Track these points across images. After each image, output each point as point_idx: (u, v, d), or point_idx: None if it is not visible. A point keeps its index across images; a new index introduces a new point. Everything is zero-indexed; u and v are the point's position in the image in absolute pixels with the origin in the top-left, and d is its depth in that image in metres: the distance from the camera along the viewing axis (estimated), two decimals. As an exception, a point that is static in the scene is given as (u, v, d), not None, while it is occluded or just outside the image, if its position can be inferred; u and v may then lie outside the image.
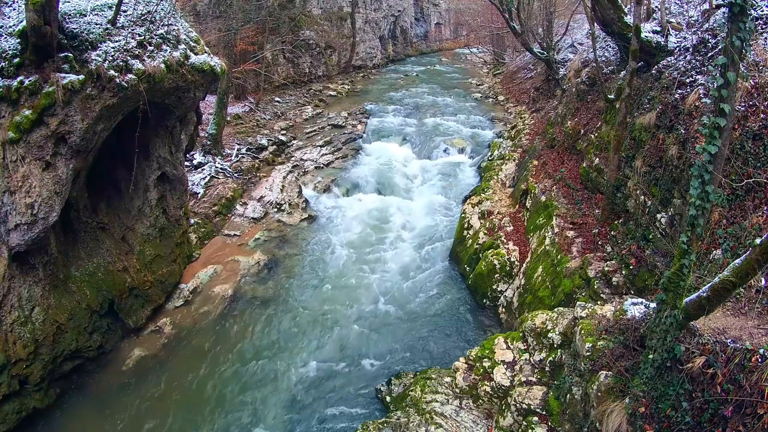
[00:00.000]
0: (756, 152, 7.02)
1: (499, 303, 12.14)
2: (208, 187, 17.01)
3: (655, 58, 10.29)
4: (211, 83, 12.16)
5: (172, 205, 12.54)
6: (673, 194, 8.39)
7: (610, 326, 6.70)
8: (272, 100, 27.34)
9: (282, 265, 14.32)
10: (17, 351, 8.99)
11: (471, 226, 14.49)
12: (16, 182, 8.52)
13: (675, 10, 11.54)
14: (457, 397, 8.45)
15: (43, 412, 9.43)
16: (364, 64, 41.22)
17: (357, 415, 9.47)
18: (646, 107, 9.83)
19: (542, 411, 7.15)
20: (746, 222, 6.66)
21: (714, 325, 5.30)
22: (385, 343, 11.40)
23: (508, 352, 8.61)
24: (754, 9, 8.53)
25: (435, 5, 56.42)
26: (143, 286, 11.49)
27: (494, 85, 33.94)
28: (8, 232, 8.67)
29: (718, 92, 4.77)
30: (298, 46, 30.98)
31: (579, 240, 10.85)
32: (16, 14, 8.98)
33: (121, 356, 10.88)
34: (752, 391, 4.49)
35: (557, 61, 22.51)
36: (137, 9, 10.06)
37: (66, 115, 8.61)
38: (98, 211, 11.07)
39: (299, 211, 16.92)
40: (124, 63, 9.23)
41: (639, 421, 5.35)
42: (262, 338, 11.57)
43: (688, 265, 5.25)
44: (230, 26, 22.61)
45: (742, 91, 7.36)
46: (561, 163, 13.78)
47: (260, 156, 20.27)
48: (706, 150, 4.87)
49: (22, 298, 9.18)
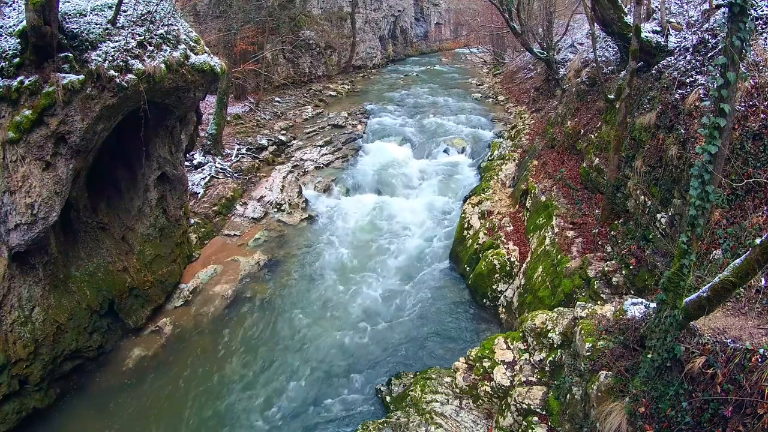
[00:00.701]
0: (756, 152, 7.02)
1: (499, 303, 12.13)
2: (208, 187, 17.01)
3: (655, 58, 10.29)
4: (211, 83, 12.16)
5: (172, 205, 12.54)
6: (673, 194, 8.39)
7: (610, 326, 6.70)
8: (272, 100, 27.34)
9: (282, 265, 14.31)
10: (17, 351, 8.99)
11: (471, 226, 14.49)
12: (16, 182, 8.52)
13: (675, 10, 11.54)
14: (457, 397, 8.45)
15: (43, 412, 9.43)
16: (364, 64, 41.22)
17: (357, 415, 9.47)
18: (646, 107, 9.83)
19: (542, 411, 7.15)
20: (746, 222, 6.66)
21: (714, 325, 5.30)
22: (385, 342, 11.40)
23: (508, 352, 8.61)
24: (754, 9, 8.53)
25: (435, 5, 56.41)
26: (143, 286, 11.49)
27: (494, 85, 33.93)
28: (8, 232, 8.67)
29: (718, 92, 4.77)
30: (298, 46, 30.98)
31: (579, 240, 10.85)
32: (16, 14, 8.98)
33: (121, 356, 10.88)
34: (752, 391, 4.48)
35: (557, 61, 22.51)
36: (137, 9, 10.06)
37: (66, 115, 8.61)
38: (98, 211, 11.07)
39: (299, 211, 16.92)
40: (124, 63, 9.23)
41: (639, 421, 5.35)
42: (261, 338, 11.57)
43: (688, 265, 5.25)
44: (230, 26, 22.61)
45: (742, 91, 7.36)
46: (561, 163, 13.78)
47: (260, 156, 20.28)
48: (706, 150, 4.87)
49: (22, 298, 9.18)
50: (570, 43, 24.49)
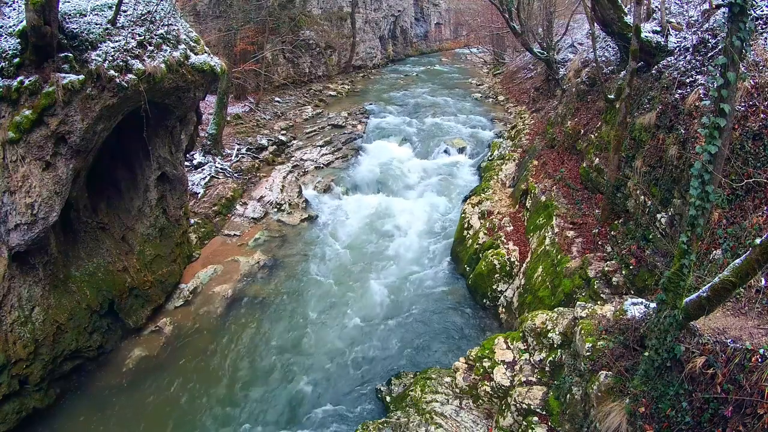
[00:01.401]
0: (756, 152, 7.02)
1: (499, 303, 12.13)
2: (208, 187, 17.01)
3: (655, 58, 10.29)
4: (211, 83, 12.16)
5: (172, 205, 12.54)
6: (673, 194, 8.39)
7: (610, 326, 6.70)
8: (272, 100, 27.34)
9: (282, 265, 14.32)
10: (17, 351, 8.99)
11: (471, 226, 14.49)
12: (16, 182, 8.52)
13: (675, 10, 11.54)
14: (457, 397, 8.45)
15: (43, 412, 9.43)
16: (364, 64, 41.22)
17: (357, 415, 9.47)
18: (646, 107, 9.83)
19: (542, 411, 7.15)
20: (746, 222, 6.66)
21: (714, 325, 5.30)
22: (385, 342, 11.40)
23: (508, 352, 8.61)
24: (754, 9, 8.53)
25: (435, 5, 56.41)
26: (143, 286, 11.49)
27: (494, 85, 33.93)
28: (8, 232, 8.67)
29: (718, 92, 4.77)
30: (298, 46, 30.98)
31: (579, 240, 10.85)
32: (16, 14, 8.98)
33: (121, 356, 10.88)
34: (752, 391, 4.48)
35: (557, 61, 22.51)
36: (137, 9, 10.07)
37: (66, 115, 8.61)
38: (98, 211, 11.07)
39: (299, 211, 16.92)
40: (124, 63, 9.23)
41: (639, 421, 5.35)
42: (261, 338, 11.57)
43: (688, 265, 5.25)
44: (230, 26, 22.61)
45: (742, 91, 7.36)
46: (561, 163, 13.78)
47: (260, 156, 20.28)
48: (706, 150, 4.87)
49: (22, 298, 9.18)
50: (570, 43, 24.49)
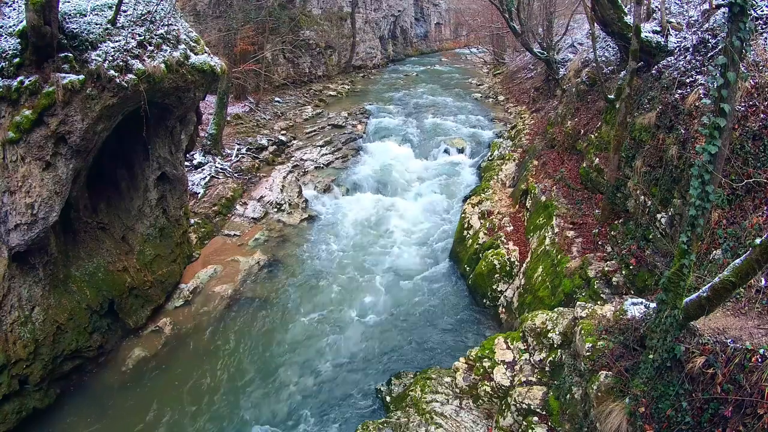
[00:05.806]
0: (756, 152, 7.02)
1: (499, 303, 12.13)
2: (208, 187, 17.01)
3: (655, 58, 10.29)
4: (211, 83, 12.15)
5: (172, 205, 12.54)
6: (673, 194, 8.39)
7: (610, 326, 6.70)
8: (272, 100, 27.34)
9: (282, 265, 14.32)
10: (17, 351, 8.99)
11: (471, 226, 14.48)
12: (16, 182, 8.52)
13: (675, 10, 11.54)
14: (457, 397, 8.45)
15: (43, 412, 9.42)
16: (364, 64, 41.21)
17: (357, 415, 9.47)
18: (646, 107, 9.83)
19: (542, 411, 7.15)
20: (746, 222, 6.66)
21: (714, 325, 5.30)
22: (385, 342, 11.40)
23: (508, 352, 8.61)
24: (754, 9, 8.53)
25: (435, 5, 56.41)
26: (143, 286, 11.49)
27: (494, 85, 33.93)
28: (8, 232, 8.67)
29: (718, 92, 4.77)
30: (298, 46, 30.98)
31: (579, 240, 10.85)
32: (16, 14, 8.98)
33: (121, 356, 10.88)
34: (752, 391, 4.48)
35: (557, 61, 22.49)
36: (137, 9, 10.06)
37: (66, 115, 8.61)
38: (98, 211, 11.07)
39: (299, 211, 16.92)
40: (124, 63, 9.22)
41: (639, 421, 5.35)
42: (261, 338, 11.57)
43: (688, 265, 5.24)
44: (230, 26, 22.63)
45: (742, 91, 7.36)
46: (561, 163, 13.78)
47: (260, 156, 20.27)
48: (706, 150, 4.87)
49: (22, 298, 9.18)
50: (570, 43, 24.46)
